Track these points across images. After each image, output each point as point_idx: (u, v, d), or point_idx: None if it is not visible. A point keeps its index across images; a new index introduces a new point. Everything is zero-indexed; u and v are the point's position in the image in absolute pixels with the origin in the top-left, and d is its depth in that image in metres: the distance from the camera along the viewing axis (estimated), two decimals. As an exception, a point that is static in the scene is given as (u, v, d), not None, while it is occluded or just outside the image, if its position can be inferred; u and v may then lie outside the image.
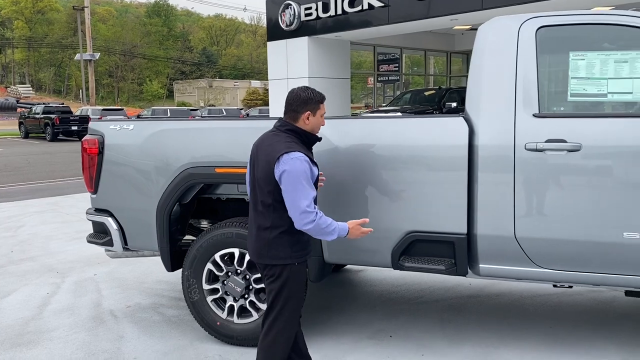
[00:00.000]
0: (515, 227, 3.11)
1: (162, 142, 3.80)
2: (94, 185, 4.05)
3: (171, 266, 3.93)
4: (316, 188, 2.74)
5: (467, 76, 3.36)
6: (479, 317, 4.12)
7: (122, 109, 30.87)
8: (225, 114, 32.18)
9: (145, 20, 73.27)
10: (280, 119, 2.89)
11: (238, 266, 3.67)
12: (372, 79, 20.58)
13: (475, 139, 3.17)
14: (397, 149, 3.30)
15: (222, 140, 3.67)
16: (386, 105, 17.12)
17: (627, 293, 3.34)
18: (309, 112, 2.79)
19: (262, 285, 3.61)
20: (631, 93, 3.01)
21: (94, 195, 4.09)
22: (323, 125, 2.93)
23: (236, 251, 3.65)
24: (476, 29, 3.39)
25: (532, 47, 3.15)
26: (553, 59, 3.22)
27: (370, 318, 4.15)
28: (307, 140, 2.82)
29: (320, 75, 16.14)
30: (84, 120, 26.52)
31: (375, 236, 3.40)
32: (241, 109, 39.50)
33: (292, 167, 2.59)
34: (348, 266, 5.30)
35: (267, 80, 17.13)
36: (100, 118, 20.09)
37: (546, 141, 3.02)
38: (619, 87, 3.02)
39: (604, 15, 3.10)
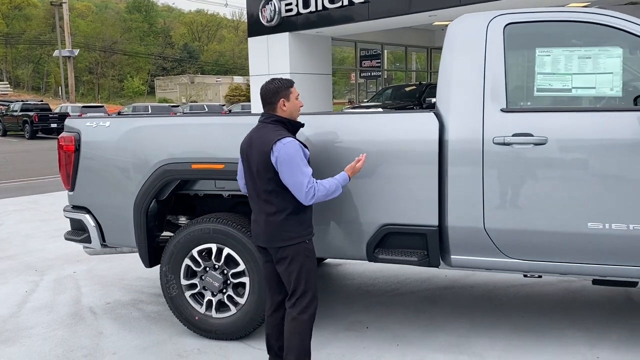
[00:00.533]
0: (485, 219, 3.20)
1: (139, 139, 3.82)
2: (70, 182, 4.06)
3: (149, 262, 3.96)
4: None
5: None
6: (453, 307, 4.22)
7: (102, 106, 30.57)
8: (207, 110, 32.05)
9: (125, 16, 72.44)
10: (262, 113, 3.06)
11: (216, 261, 3.71)
12: (355, 74, 20.68)
13: (446, 134, 3.25)
14: (371, 144, 3.36)
15: (198, 137, 3.70)
16: (368, 101, 17.21)
17: (594, 281, 3.45)
18: (282, 99, 3.00)
19: (241, 280, 3.67)
20: (594, 88, 3.11)
21: (71, 193, 4.10)
22: (301, 105, 3.12)
23: (214, 246, 3.69)
24: None
25: (500, 43, 3.24)
26: (520, 55, 3.32)
27: (348, 310, 4.23)
28: (292, 128, 3.04)
29: (301, 71, 16.17)
30: (64, 117, 26.18)
31: (351, 230, 3.48)
32: (223, 105, 39.33)
33: (286, 151, 2.82)
34: (327, 260, 5.37)
35: (250, 76, 17.13)
36: (80, 115, 19.90)
37: (513, 135, 3.11)
38: (583, 82, 3.12)
39: (567, 12, 3.19)
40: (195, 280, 3.79)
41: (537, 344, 3.55)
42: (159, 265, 4.02)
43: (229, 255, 3.67)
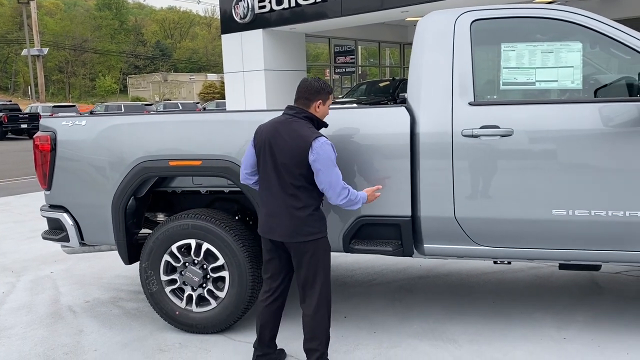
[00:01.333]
0: (455, 209, 3.32)
1: (115, 137, 3.85)
2: (47, 181, 4.07)
3: (128, 259, 4.00)
4: None
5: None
6: (428, 295, 4.35)
7: (74, 106, 30.12)
8: (181, 108, 31.82)
9: (95, 13, 71.23)
10: (291, 106, 3.11)
11: (195, 257, 3.77)
12: (329, 70, 20.75)
13: (417, 128, 3.36)
14: (345, 139, 3.46)
15: (175, 134, 3.75)
16: (342, 97, 17.33)
17: (561, 266, 3.60)
18: (320, 101, 3.07)
19: (220, 274, 3.73)
20: (557, 81, 3.26)
21: (48, 192, 4.11)
22: (328, 115, 3.20)
23: (193, 242, 3.75)
24: None
25: (467, 39, 3.36)
26: (486, 50, 3.45)
27: (326, 301, 4.32)
28: (317, 127, 3.10)
29: (276, 67, 16.19)
30: (34, 117, 25.76)
31: (328, 222, 3.56)
32: (197, 103, 39.08)
33: (325, 151, 2.90)
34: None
35: (224, 73, 17.08)
36: (52, 115, 19.55)
37: (481, 127, 3.24)
38: (546, 75, 3.27)
39: (530, 9, 3.33)
40: (175, 276, 3.85)
41: (507, 327, 3.70)
42: (138, 263, 4.07)
43: (208, 250, 3.73)
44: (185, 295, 3.83)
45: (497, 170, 3.24)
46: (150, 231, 4.27)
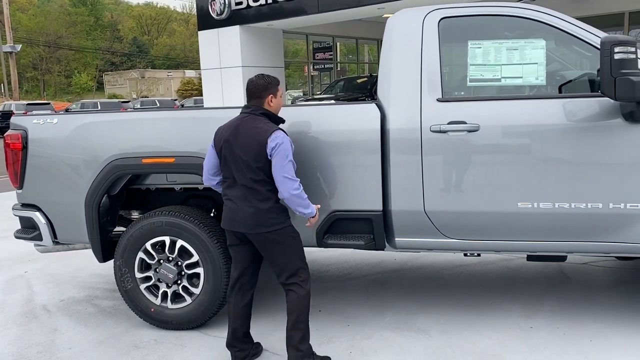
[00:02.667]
0: (425, 202, 3.40)
1: (88, 135, 3.84)
2: (19, 180, 4.04)
3: (102, 257, 4.00)
4: None
5: None
6: (401, 288, 4.43)
7: (48, 103, 29.65)
8: (159, 105, 31.53)
9: (70, 9, 70.01)
10: (247, 105, 3.19)
11: (169, 253, 3.79)
12: (307, 67, 20.78)
13: (387, 124, 3.42)
14: (318, 135, 3.51)
15: (148, 131, 3.76)
16: (320, 93, 17.37)
17: (529, 257, 3.70)
18: (271, 95, 3.17)
19: (195, 271, 3.76)
20: (521, 77, 3.35)
21: (20, 191, 4.08)
22: (282, 105, 3.29)
23: (167, 239, 3.77)
24: None
25: (435, 37, 3.43)
26: (454, 47, 3.53)
27: (301, 296, 4.38)
28: (275, 122, 3.19)
29: (253, 64, 16.15)
30: (7, 115, 25.24)
31: (302, 217, 3.62)
32: (175, 100, 38.74)
33: (283, 145, 3.00)
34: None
35: (201, 70, 17.00)
36: (26, 113, 19.21)
37: (448, 123, 3.31)
38: (511, 72, 3.35)
39: (496, 7, 3.41)
40: (150, 273, 3.86)
41: (478, 317, 3.79)
42: (112, 261, 4.07)
43: (182, 247, 3.76)
44: (160, 292, 3.85)
45: (465, 165, 3.32)
46: (124, 229, 4.27)
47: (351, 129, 3.48)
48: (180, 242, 3.75)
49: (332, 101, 14.62)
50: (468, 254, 3.80)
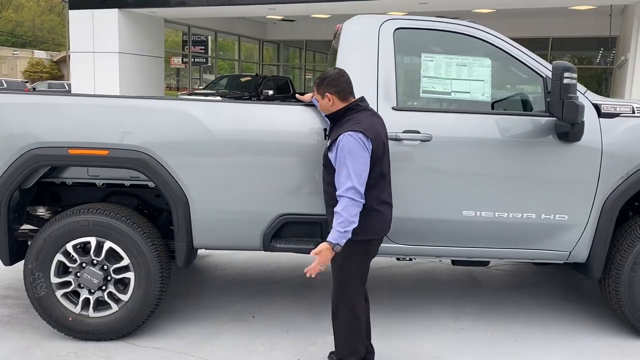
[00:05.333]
0: (377, 208, 3.44)
1: (0, 119, 3.32)
2: None
3: (9, 259, 3.49)
4: None
5: (278, 65, 3.59)
6: (328, 292, 4.41)
7: None
8: (5, 86, 28.27)
9: None
10: (362, 99, 3.00)
11: (95, 256, 3.42)
12: (177, 59, 20.02)
13: (343, 128, 3.40)
14: (268, 135, 3.39)
15: (77, 119, 3.35)
16: (203, 89, 16.84)
17: (454, 262, 3.90)
18: None
19: (125, 275, 3.43)
20: (469, 93, 3.54)
21: None
22: None
23: (93, 240, 3.40)
24: (289, 20, 3.64)
25: (391, 46, 3.49)
26: (408, 58, 3.62)
27: (229, 300, 4.20)
28: None
29: (132, 51, 15.23)
30: None
31: (248, 219, 3.47)
32: (26, 82, 35.05)
33: None
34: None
35: (54, 51, 15.59)
36: None
37: (403, 132, 3.39)
38: (460, 87, 3.53)
39: (446, 23, 3.57)
40: (69, 278, 3.44)
41: (411, 320, 3.91)
42: (17, 262, 3.56)
43: (110, 249, 3.41)
44: (81, 299, 3.45)
45: (416, 173, 3.43)
46: (31, 227, 3.77)
47: (304, 130, 3.41)
48: (108, 244, 3.40)
49: (218, 97, 14.25)
50: (401, 259, 3.93)
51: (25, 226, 3.72)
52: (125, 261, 3.42)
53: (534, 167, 3.42)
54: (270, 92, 15.46)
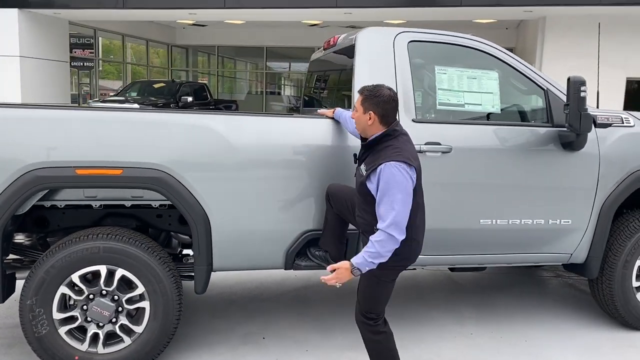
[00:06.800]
0: (401, 221, 3.44)
1: (-6, 136, 2.91)
2: None
3: (2, 295, 3.06)
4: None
5: (187, 71, 3.53)
6: (324, 305, 4.34)
7: None
8: None
9: None
10: (398, 123, 2.83)
11: (105, 286, 3.09)
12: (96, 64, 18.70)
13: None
14: (292, 149, 3.28)
15: (86, 135, 3.01)
16: (114, 95, 15.87)
17: (451, 269, 4.00)
18: None
19: (139, 305, 3.14)
20: (481, 105, 3.65)
21: None
22: None
23: (103, 268, 3.08)
24: (200, 25, 3.59)
25: (406, 58, 3.52)
26: (423, 71, 3.66)
27: (230, 323, 3.98)
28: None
29: (34, 55, 14.07)
30: None
31: (272, 237, 3.33)
32: None
33: None
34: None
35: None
36: None
37: (425, 144, 3.43)
38: (472, 99, 3.63)
39: (454, 36, 3.66)
40: (75, 312, 3.09)
41: (421, 328, 3.92)
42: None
43: (123, 277, 3.10)
44: (89, 334, 3.10)
45: (438, 184, 3.46)
46: (15, 257, 3.35)
47: (329, 144, 3.34)
48: (120, 272, 3.09)
49: (136, 105, 13.52)
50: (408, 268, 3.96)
51: (11, 256, 3.29)
52: (140, 289, 3.13)
53: (543, 175, 3.61)
54: (190, 99, 14.94)
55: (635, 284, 3.84)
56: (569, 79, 3.36)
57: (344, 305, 4.34)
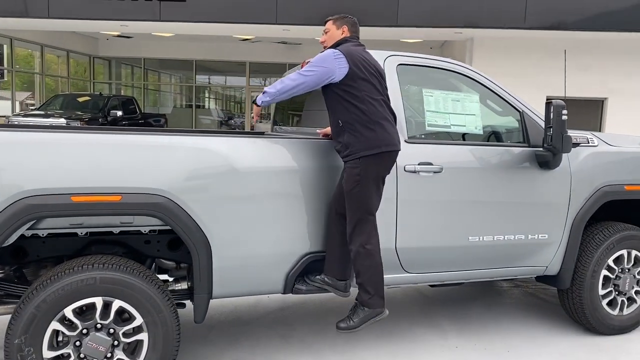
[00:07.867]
0: (397, 240, 3.50)
1: (-20, 161, 2.66)
2: None
3: (-14, 336, 2.78)
4: None
5: (109, 83, 3.55)
6: (308, 327, 4.30)
7: None
8: None
9: None
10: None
11: (101, 320, 2.90)
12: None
13: (364, 162, 3.41)
14: (294, 170, 3.26)
15: (82, 159, 2.82)
16: (34, 109, 14.91)
17: (432, 285, 4.12)
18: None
19: (137, 338, 2.97)
20: (465, 126, 3.81)
21: None
22: None
23: (98, 300, 2.89)
24: (125, 37, 3.62)
25: (396, 81, 3.61)
26: (411, 92, 3.76)
27: (214, 349, 3.85)
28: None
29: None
30: None
31: (272, 261, 3.27)
32: None
33: None
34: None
35: None
36: None
37: (419, 164, 3.52)
38: (457, 120, 3.78)
39: (438, 60, 3.81)
40: (68, 350, 2.86)
41: (407, 344, 3.99)
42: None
43: (120, 309, 2.92)
44: (82, 372, 2.89)
45: (431, 203, 3.57)
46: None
47: (329, 165, 3.35)
48: (117, 303, 2.92)
49: (62, 120, 12.79)
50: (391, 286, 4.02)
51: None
52: (137, 321, 2.96)
53: (523, 192, 3.81)
54: (119, 113, 14.34)
55: (601, 292, 4.13)
56: (550, 103, 3.58)
57: (327, 324, 4.33)
